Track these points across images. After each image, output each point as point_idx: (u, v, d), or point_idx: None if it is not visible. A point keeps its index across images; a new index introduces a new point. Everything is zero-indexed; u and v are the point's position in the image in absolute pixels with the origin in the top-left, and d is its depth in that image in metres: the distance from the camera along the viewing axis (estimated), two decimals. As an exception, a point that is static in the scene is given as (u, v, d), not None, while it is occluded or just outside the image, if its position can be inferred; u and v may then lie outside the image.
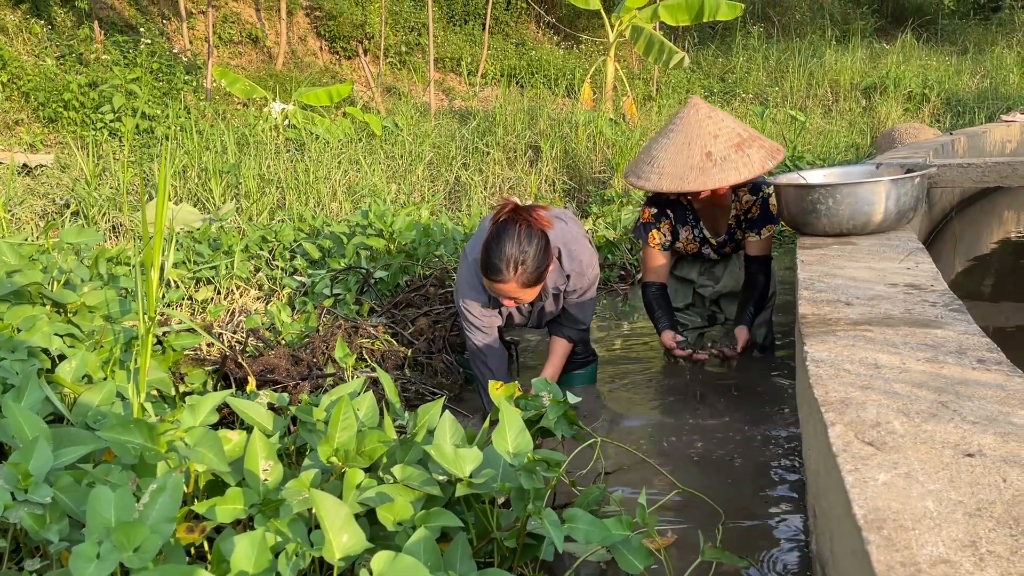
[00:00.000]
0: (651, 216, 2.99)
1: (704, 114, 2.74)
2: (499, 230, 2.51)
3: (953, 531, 1.01)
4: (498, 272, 2.48)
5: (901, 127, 8.75)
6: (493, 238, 2.51)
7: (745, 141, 2.71)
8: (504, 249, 2.46)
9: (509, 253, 2.46)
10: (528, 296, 2.59)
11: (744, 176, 2.63)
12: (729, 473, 2.36)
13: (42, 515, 1.40)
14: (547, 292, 2.79)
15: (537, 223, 2.52)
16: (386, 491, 1.50)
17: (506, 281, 2.49)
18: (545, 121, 8.16)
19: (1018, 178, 4.38)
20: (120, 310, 2.54)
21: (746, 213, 2.93)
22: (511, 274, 2.47)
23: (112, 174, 6.06)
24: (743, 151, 2.68)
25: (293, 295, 3.75)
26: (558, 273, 2.75)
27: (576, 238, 2.78)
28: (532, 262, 2.48)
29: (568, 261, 2.74)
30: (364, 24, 12.76)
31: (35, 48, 9.18)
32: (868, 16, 16.66)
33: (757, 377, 3.12)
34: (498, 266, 2.47)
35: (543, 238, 2.53)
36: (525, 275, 2.49)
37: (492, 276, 2.50)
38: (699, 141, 2.68)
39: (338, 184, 5.96)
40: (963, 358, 1.61)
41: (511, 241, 2.46)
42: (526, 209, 2.54)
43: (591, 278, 2.82)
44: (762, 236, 2.94)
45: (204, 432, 1.53)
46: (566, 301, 2.86)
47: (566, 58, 13.72)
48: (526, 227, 2.49)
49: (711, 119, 2.74)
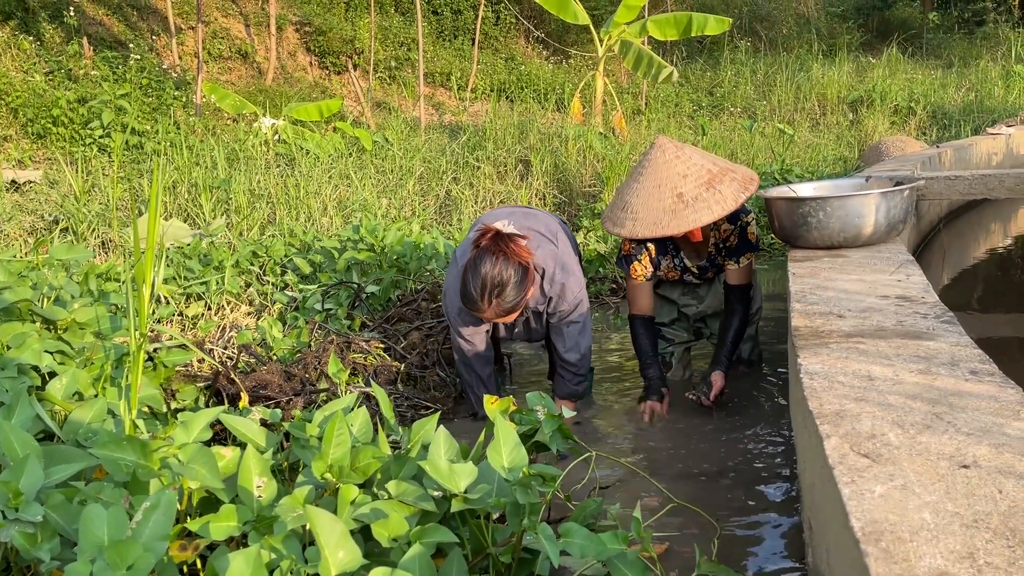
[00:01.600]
0: (631, 248, 2.97)
1: (672, 155, 2.67)
2: (476, 260, 2.52)
3: (951, 543, 1.01)
4: (474, 303, 2.52)
5: (888, 140, 8.82)
6: (471, 267, 2.53)
7: (715, 177, 2.64)
8: (481, 281, 2.49)
9: (486, 285, 2.48)
10: (507, 319, 2.64)
11: (717, 214, 2.57)
12: (723, 486, 2.36)
13: (33, 534, 1.38)
14: (527, 311, 2.81)
15: (515, 255, 2.52)
16: (381, 507, 1.49)
17: (482, 312, 2.53)
18: (535, 135, 8.18)
19: (1004, 190, 4.41)
20: (111, 326, 2.52)
21: (724, 241, 2.90)
22: (486, 305, 2.51)
23: (101, 190, 6.04)
24: (714, 188, 2.61)
25: (284, 310, 3.74)
26: (539, 294, 2.75)
27: (560, 259, 2.76)
28: (510, 292, 2.51)
29: (549, 284, 2.73)
30: (354, 39, 12.80)
31: (24, 64, 9.16)
32: (854, 30, 16.81)
33: (749, 390, 3.12)
34: (474, 297, 2.51)
35: (521, 270, 2.53)
36: (500, 307, 2.52)
37: (469, 306, 2.56)
38: (669, 183, 2.62)
39: (328, 199, 5.95)
40: (956, 369, 1.61)
41: (488, 272, 2.48)
42: (506, 239, 2.54)
43: (572, 302, 2.79)
44: (740, 264, 2.89)
45: (198, 449, 1.52)
46: (550, 325, 2.85)
47: (555, 73, 13.78)
48: (504, 258, 2.50)
49: (679, 159, 2.67)
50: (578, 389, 2.92)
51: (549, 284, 2.73)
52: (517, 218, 2.84)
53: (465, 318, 2.75)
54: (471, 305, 2.54)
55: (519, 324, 2.91)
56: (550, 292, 2.74)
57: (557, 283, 2.73)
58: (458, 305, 2.71)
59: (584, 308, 2.85)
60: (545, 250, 2.72)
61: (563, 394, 2.90)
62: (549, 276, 2.72)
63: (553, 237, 2.83)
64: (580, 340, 2.85)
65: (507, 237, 2.55)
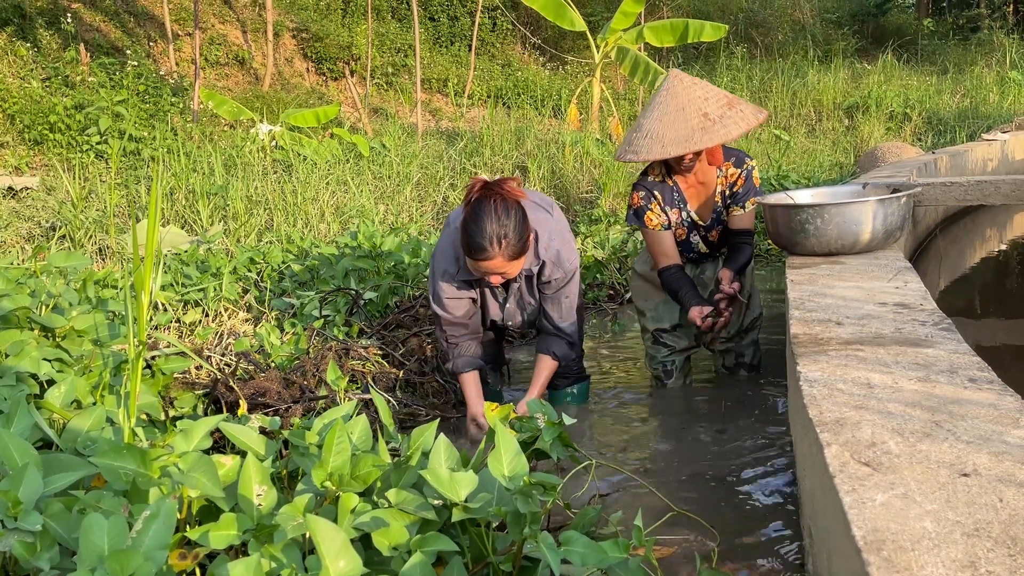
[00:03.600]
0: (640, 199, 3.01)
1: (689, 82, 2.84)
2: (475, 208, 2.50)
3: (952, 552, 1.01)
4: (482, 250, 2.48)
5: (884, 146, 8.85)
6: (471, 217, 2.50)
7: (732, 100, 2.83)
8: (484, 226, 2.46)
9: (490, 230, 2.46)
10: (514, 269, 2.59)
11: (743, 128, 2.74)
12: (723, 493, 2.36)
13: (32, 543, 1.38)
14: (520, 277, 2.77)
15: (510, 195, 2.52)
16: (381, 516, 1.49)
17: (492, 257, 2.49)
18: (532, 141, 8.20)
19: (1000, 196, 4.43)
20: (109, 334, 2.52)
21: (731, 187, 2.99)
22: (495, 249, 2.47)
23: (98, 196, 6.04)
24: (735, 107, 2.80)
25: (282, 317, 3.74)
26: (533, 256, 2.72)
27: (554, 228, 2.75)
28: (514, 234, 2.49)
29: (544, 248, 2.71)
30: (351, 45, 12.82)
31: (21, 70, 9.16)
32: (849, 37, 16.87)
33: (748, 396, 3.13)
34: (481, 244, 2.47)
35: (519, 209, 2.53)
36: (509, 248, 2.49)
37: (476, 255, 2.50)
38: (692, 106, 2.78)
39: (326, 205, 5.96)
40: (955, 377, 1.62)
41: (489, 217, 2.46)
42: (496, 183, 2.54)
43: (567, 270, 2.77)
44: (746, 209, 2.98)
45: (198, 457, 1.52)
46: (543, 295, 2.82)
47: (552, 79, 13.81)
48: (500, 200, 2.49)
49: (696, 85, 2.84)
50: (571, 353, 2.90)
51: (544, 248, 2.71)
52: None
53: (449, 281, 2.72)
54: (479, 253, 2.48)
55: (511, 297, 2.85)
56: (544, 256, 2.71)
57: (552, 248, 2.71)
58: (443, 267, 2.69)
59: (578, 284, 2.83)
60: (538, 215, 2.70)
61: (553, 351, 2.86)
62: (544, 240, 2.70)
63: (549, 208, 2.81)
64: (574, 315, 2.83)
65: (497, 182, 2.54)
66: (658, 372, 3.30)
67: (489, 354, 3.10)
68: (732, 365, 3.33)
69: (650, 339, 3.29)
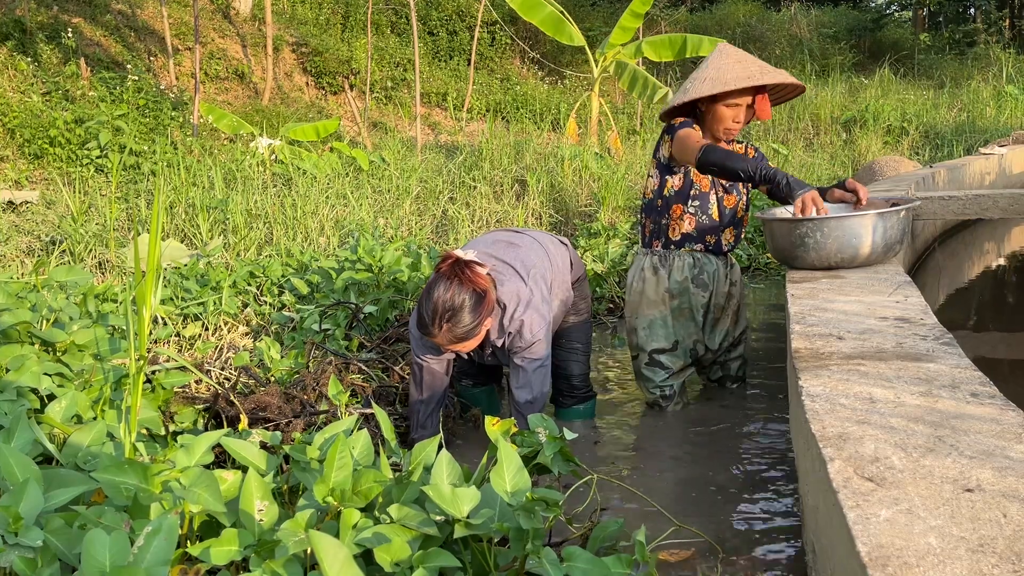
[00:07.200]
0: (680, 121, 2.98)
1: (735, 48, 3.03)
2: (430, 286, 2.52)
3: (957, 568, 1.01)
4: (426, 328, 2.51)
5: (882, 160, 8.87)
6: (424, 293, 2.52)
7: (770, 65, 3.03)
8: (433, 305, 2.47)
9: (437, 310, 2.47)
10: (465, 348, 2.59)
11: (791, 79, 2.98)
12: (726, 508, 2.35)
13: (33, 559, 1.37)
14: (487, 344, 2.75)
15: (470, 281, 2.49)
16: (383, 531, 1.49)
17: (435, 337, 2.51)
18: (531, 155, 8.22)
19: (998, 210, 4.45)
20: (110, 348, 2.52)
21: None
22: (437, 331, 2.49)
23: (98, 210, 6.04)
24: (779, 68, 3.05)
25: (281, 331, 3.74)
26: (499, 328, 2.69)
27: (527, 301, 2.68)
28: (461, 320, 2.47)
29: (508, 320, 2.67)
30: (350, 60, 12.87)
31: (21, 85, 9.19)
32: (846, 51, 16.98)
33: (749, 411, 3.12)
34: (425, 322, 2.50)
35: (475, 296, 2.49)
36: (452, 333, 2.49)
37: (422, 330, 2.54)
38: (748, 59, 2.96)
39: (325, 219, 5.96)
40: (957, 392, 1.62)
41: (441, 297, 2.46)
42: (466, 264, 2.52)
43: (528, 341, 2.68)
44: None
45: (200, 472, 1.51)
46: (510, 361, 2.76)
47: (551, 93, 13.87)
48: (457, 283, 2.48)
49: (741, 51, 3.03)
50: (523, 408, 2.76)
51: (509, 320, 2.67)
52: (500, 248, 2.81)
53: (427, 343, 2.69)
54: (423, 329, 2.51)
55: (486, 354, 2.83)
56: (509, 327, 2.68)
57: (516, 320, 2.66)
58: (418, 333, 2.67)
59: (541, 351, 2.72)
60: (511, 285, 2.67)
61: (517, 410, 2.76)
62: (510, 312, 2.66)
63: (525, 273, 2.74)
64: (533, 379, 2.72)
65: (465, 263, 2.52)
66: (655, 397, 3.15)
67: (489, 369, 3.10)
68: (718, 378, 3.33)
69: (645, 360, 3.14)
